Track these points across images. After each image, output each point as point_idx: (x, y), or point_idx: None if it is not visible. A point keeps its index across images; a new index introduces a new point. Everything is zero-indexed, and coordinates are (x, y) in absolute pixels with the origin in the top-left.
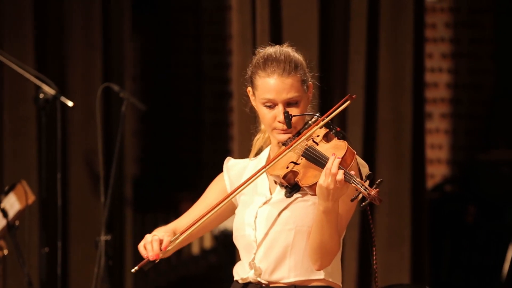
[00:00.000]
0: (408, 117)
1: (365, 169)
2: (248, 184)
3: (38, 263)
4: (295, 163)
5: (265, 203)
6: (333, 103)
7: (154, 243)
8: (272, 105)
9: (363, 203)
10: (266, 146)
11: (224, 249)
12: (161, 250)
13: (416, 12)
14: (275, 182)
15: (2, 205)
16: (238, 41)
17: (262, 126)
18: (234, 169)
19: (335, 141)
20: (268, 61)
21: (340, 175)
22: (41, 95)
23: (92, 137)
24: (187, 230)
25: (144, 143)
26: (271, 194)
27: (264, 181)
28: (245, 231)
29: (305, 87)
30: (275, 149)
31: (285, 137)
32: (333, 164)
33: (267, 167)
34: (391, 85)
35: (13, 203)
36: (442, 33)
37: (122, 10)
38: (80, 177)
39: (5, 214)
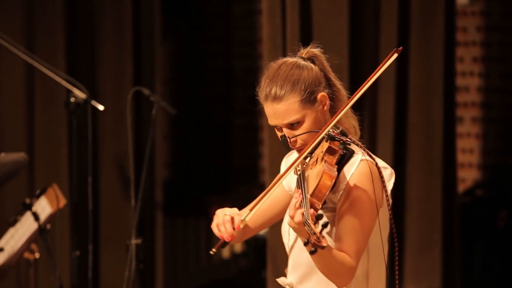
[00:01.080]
0: (439, 121)
1: (388, 171)
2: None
3: (69, 266)
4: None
5: None
6: (363, 108)
7: (227, 225)
8: (277, 127)
9: (312, 249)
10: None
11: (254, 253)
12: (234, 229)
13: (447, 16)
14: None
15: (34, 208)
16: (268, 45)
17: None
18: (291, 162)
19: (322, 165)
20: (265, 84)
21: (298, 217)
22: (72, 99)
23: (123, 141)
24: (255, 205)
25: (174, 147)
26: None
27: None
28: (283, 239)
29: (308, 103)
30: None
31: (288, 150)
32: (290, 205)
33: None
34: (422, 89)
35: (44, 207)
36: (473, 36)
37: (153, 14)
38: (111, 181)
39: (36, 217)
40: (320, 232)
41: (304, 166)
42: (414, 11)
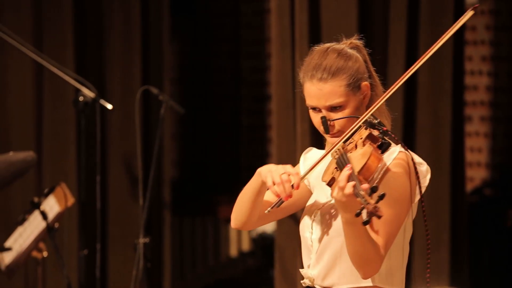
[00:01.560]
0: (447, 121)
1: (424, 168)
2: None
3: (77, 265)
4: (337, 170)
5: (324, 204)
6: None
7: (286, 184)
8: (316, 109)
9: (365, 219)
10: None
11: (262, 252)
12: (294, 189)
13: (456, 15)
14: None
15: (42, 207)
16: (277, 44)
17: None
18: (310, 160)
19: (367, 147)
20: (312, 64)
21: (348, 189)
22: (81, 98)
23: (131, 140)
24: (310, 170)
25: (182, 146)
26: (332, 195)
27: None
28: (305, 233)
29: (352, 89)
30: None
31: (334, 139)
32: (341, 176)
33: (308, 172)
34: (431, 88)
35: (52, 206)
36: (482, 35)
37: (161, 13)
38: (119, 180)
39: (44, 216)
40: (376, 203)
41: (344, 150)
42: (423, 9)
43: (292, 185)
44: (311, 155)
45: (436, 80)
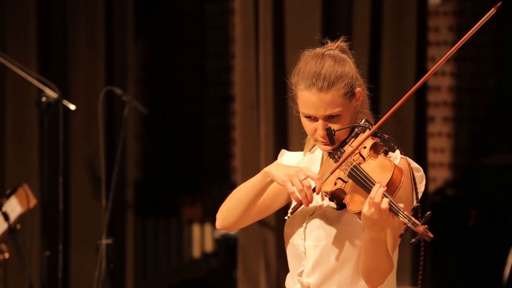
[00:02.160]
0: (410, 121)
1: (420, 173)
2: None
3: (39, 266)
4: (343, 181)
5: (315, 210)
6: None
7: (308, 191)
8: (312, 119)
9: (413, 240)
10: None
11: (225, 253)
12: (317, 194)
13: (419, 16)
14: (325, 195)
15: (4, 208)
16: (241, 45)
17: None
18: (289, 161)
19: (381, 158)
20: (309, 72)
21: (385, 204)
22: (44, 99)
23: (94, 140)
24: (336, 168)
25: (146, 147)
26: (322, 200)
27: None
28: (295, 240)
29: (349, 97)
30: (325, 154)
31: (328, 148)
32: (377, 193)
33: (327, 177)
34: (394, 88)
35: (14, 207)
36: (445, 36)
37: (126, 14)
38: (82, 180)
39: (6, 217)
40: (424, 224)
41: (352, 160)
42: (387, 10)
43: (314, 189)
44: (287, 158)
45: (399, 81)
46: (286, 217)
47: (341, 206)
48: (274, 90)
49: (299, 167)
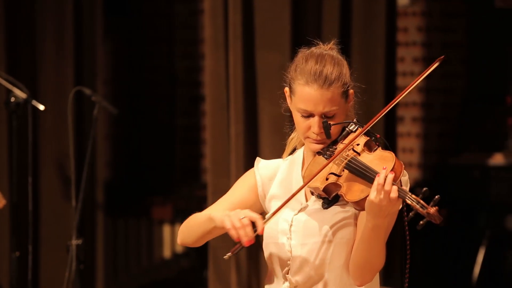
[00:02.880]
0: (379, 121)
1: (405, 178)
2: (288, 200)
3: (8, 267)
4: (336, 175)
5: (300, 210)
6: None
7: (247, 228)
8: (308, 115)
9: (421, 222)
10: (300, 146)
11: (196, 253)
12: (257, 233)
13: (388, 16)
14: (312, 193)
15: None
16: (211, 45)
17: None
18: (265, 170)
19: (379, 151)
20: (310, 69)
21: (395, 193)
22: (12, 99)
23: (64, 141)
24: (277, 211)
25: (116, 147)
26: (306, 201)
27: (299, 185)
28: (279, 239)
29: (345, 97)
30: (309, 155)
31: (319, 147)
32: (386, 181)
33: (308, 183)
34: (363, 89)
35: None
36: (414, 37)
37: (94, 13)
38: (52, 181)
39: None
40: (434, 206)
41: (346, 155)
42: (356, 11)
43: (255, 229)
44: (263, 165)
45: (369, 81)
46: (225, 257)
47: (329, 203)
48: (244, 91)
49: (242, 210)
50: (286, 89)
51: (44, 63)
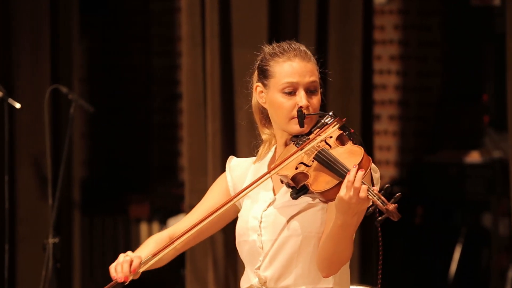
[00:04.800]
0: (356, 119)
1: (377, 175)
2: (254, 187)
3: None
4: (306, 165)
5: (269, 205)
6: None
7: (124, 265)
8: (292, 91)
9: (379, 218)
10: (269, 149)
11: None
12: (130, 272)
13: (364, 14)
14: (281, 182)
15: None
16: (188, 43)
17: (264, 136)
18: (237, 169)
19: (349, 145)
20: (286, 48)
21: (364, 192)
22: None
23: (40, 139)
24: (169, 245)
25: (92, 146)
26: (275, 195)
27: (267, 181)
28: (250, 237)
29: (319, 79)
30: (281, 149)
31: (298, 129)
32: (356, 178)
33: (277, 169)
34: (340, 87)
35: None
36: (390, 35)
37: (71, 11)
38: (28, 179)
39: None
40: (394, 204)
41: (319, 146)
42: (333, 9)
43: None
44: (235, 164)
45: (345, 79)
46: None
47: (298, 192)
48: (221, 89)
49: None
50: (258, 84)
51: (20, 61)
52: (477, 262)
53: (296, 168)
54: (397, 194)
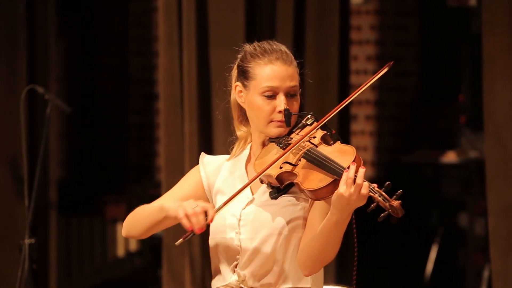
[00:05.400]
0: (334, 119)
1: (363, 170)
2: (245, 187)
3: None
4: (292, 164)
5: (248, 204)
6: None
7: (200, 216)
8: (273, 94)
9: (382, 215)
10: (245, 146)
11: (149, 252)
12: (207, 222)
13: (341, 15)
14: (261, 181)
15: None
16: (165, 43)
17: (239, 133)
18: (210, 165)
19: (338, 145)
20: (268, 49)
21: (365, 189)
22: None
23: (16, 139)
24: (227, 202)
25: (69, 146)
26: (253, 194)
27: (244, 180)
28: (227, 234)
29: (299, 82)
30: (258, 149)
31: (280, 130)
32: (359, 175)
33: (265, 170)
34: (317, 87)
35: None
36: (367, 35)
37: (47, 11)
38: (4, 180)
39: None
40: (397, 200)
41: (303, 146)
42: (310, 9)
43: (206, 218)
44: (208, 161)
45: (322, 79)
46: (176, 243)
47: (279, 192)
48: (198, 89)
49: (193, 200)
50: (237, 83)
51: None
52: (453, 261)
53: (281, 168)
54: (399, 191)
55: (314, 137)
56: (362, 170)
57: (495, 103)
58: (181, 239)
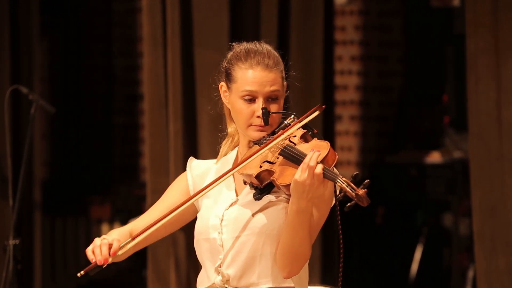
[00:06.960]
0: (318, 119)
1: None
2: (216, 185)
3: None
4: (270, 162)
5: (231, 205)
6: None
7: (103, 247)
8: (252, 98)
9: (348, 204)
10: (233, 149)
11: (135, 253)
12: (110, 255)
13: (325, 15)
14: (245, 183)
15: None
16: (149, 43)
17: (230, 129)
18: (197, 169)
19: (315, 141)
20: (251, 53)
21: (319, 169)
22: None
23: (0, 139)
24: (140, 234)
25: (53, 146)
26: (237, 196)
27: (229, 182)
28: (210, 235)
29: (284, 84)
30: (245, 150)
31: (260, 134)
32: (311, 158)
33: (240, 166)
34: (301, 87)
35: None
36: (351, 35)
37: (31, 11)
38: None
39: None
40: (364, 189)
41: (283, 144)
42: (294, 9)
43: (109, 251)
44: (195, 164)
45: (307, 79)
46: (78, 274)
47: (261, 193)
48: (183, 89)
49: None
50: (222, 84)
51: None
52: (438, 262)
53: (261, 167)
54: (366, 181)
55: (295, 136)
56: (316, 153)
57: (479, 103)
58: (82, 271)
